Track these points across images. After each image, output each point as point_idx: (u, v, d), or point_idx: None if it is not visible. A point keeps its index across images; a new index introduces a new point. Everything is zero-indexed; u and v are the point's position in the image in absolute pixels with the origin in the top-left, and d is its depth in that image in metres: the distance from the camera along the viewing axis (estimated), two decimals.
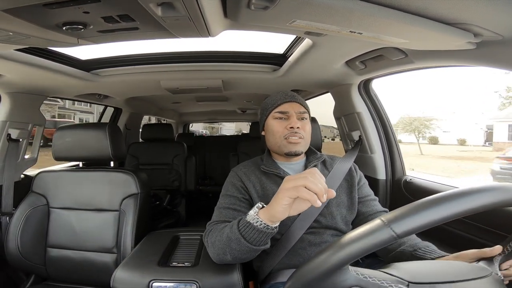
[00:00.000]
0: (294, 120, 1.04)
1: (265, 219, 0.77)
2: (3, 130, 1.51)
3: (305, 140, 1.06)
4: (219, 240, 0.88)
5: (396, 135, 1.70)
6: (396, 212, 0.48)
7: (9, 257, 1.32)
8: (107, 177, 1.39)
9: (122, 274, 0.97)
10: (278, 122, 1.07)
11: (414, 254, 0.87)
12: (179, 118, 4.65)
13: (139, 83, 1.76)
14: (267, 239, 0.81)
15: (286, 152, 1.05)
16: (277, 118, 1.07)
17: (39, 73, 1.27)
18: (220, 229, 0.91)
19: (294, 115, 1.05)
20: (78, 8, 0.67)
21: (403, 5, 0.68)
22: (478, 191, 0.47)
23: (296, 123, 1.03)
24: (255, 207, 0.80)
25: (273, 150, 1.11)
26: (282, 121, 1.06)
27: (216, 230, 0.93)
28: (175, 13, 0.69)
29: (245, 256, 0.85)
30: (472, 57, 0.91)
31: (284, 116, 1.06)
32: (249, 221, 0.79)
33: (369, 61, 1.25)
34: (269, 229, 0.78)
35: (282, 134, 1.05)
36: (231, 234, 0.83)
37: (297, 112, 1.06)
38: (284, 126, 1.05)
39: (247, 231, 0.79)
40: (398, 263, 0.57)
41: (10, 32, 0.76)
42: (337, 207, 1.05)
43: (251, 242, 0.79)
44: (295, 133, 1.03)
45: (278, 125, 1.06)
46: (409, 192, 1.48)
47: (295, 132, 1.03)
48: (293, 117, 1.04)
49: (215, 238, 0.90)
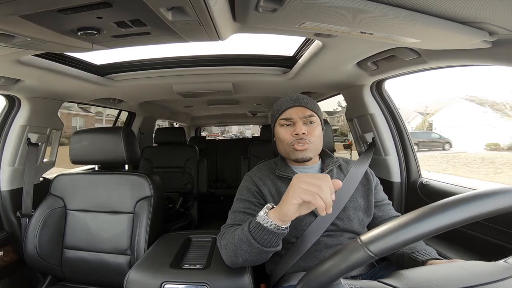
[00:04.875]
0: (299, 126, 1.01)
1: (275, 219, 0.76)
2: (23, 134, 1.57)
3: (314, 144, 1.04)
4: (231, 242, 0.87)
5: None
6: (373, 232, 0.49)
7: (27, 258, 1.36)
8: (122, 180, 1.42)
9: (135, 275, 0.98)
10: (284, 129, 1.06)
11: (411, 256, 0.89)
12: (191, 121, 4.70)
13: (151, 87, 1.79)
14: (278, 240, 0.80)
15: (294, 159, 1.05)
16: (283, 125, 1.06)
17: (56, 78, 1.32)
18: (232, 231, 0.91)
19: (299, 121, 1.03)
20: (91, 14, 0.69)
21: (414, 5, 0.67)
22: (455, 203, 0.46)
23: (300, 129, 1.01)
24: (264, 208, 0.80)
25: (284, 156, 1.11)
26: (288, 128, 1.05)
27: (229, 232, 0.93)
28: (185, 17, 0.70)
29: (256, 259, 0.84)
30: (488, 56, 0.88)
31: (289, 122, 1.05)
32: (259, 222, 0.78)
33: (381, 62, 1.23)
34: (280, 230, 0.77)
35: (288, 141, 1.04)
36: (242, 236, 0.83)
37: (302, 117, 1.03)
38: (290, 133, 1.04)
39: (257, 232, 0.79)
40: (404, 271, 0.56)
41: (28, 37, 0.79)
42: (354, 211, 1.04)
43: (262, 243, 0.79)
44: (300, 140, 1.01)
45: (284, 132, 1.05)
46: (425, 195, 1.44)
47: (301, 138, 1.01)
48: (298, 123, 1.02)
49: (227, 240, 0.90)
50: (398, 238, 0.46)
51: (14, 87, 1.36)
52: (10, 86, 1.34)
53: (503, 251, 0.97)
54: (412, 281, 0.51)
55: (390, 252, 0.47)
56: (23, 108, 1.56)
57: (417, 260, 0.86)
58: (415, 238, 0.46)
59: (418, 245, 0.94)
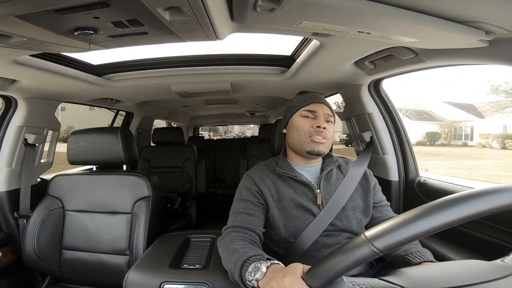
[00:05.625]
0: (321, 120, 1.05)
1: (261, 284, 0.70)
2: (20, 135, 1.56)
3: (329, 142, 1.07)
4: (225, 260, 0.88)
5: None
6: (378, 228, 0.49)
7: (25, 259, 1.36)
8: (120, 180, 1.42)
9: (134, 276, 0.98)
10: (305, 120, 1.07)
11: (405, 258, 0.89)
12: (189, 121, 4.70)
13: (149, 87, 1.79)
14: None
15: (309, 150, 1.04)
16: (304, 116, 1.08)
17: (53, 78, 1.31)
18: (227, 245, 0.90)
19: (322, 116, 1.06)
20: (88, 13, 0.69)
21: (411, 4, 0.67)
22: (460, 200, 0.46)
23: (323, 123, 1.04)
24: (264, 266, 0.73)
25: (294, 147, 1.10)
26: (309, 120, 1.07)
27: (227, 242, 0.92)
28: (182, 17, 0.70)
29: None
30: (485, 55, 0.89)
31: (312, 115, 1.07)
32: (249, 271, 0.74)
33: (378, 61, 1.24)
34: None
35: (307, 131, 1.05)
36: (230, 265, 0.82)
37: (325, 114, 1.07)
38: (311, 125, 1.05)
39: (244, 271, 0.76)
40: (405, 269, 0.56)
41: (24, 38, 0.79)
42: (353, 211, 1.04)
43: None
44: (320, 133, 1.03)
45: (305, 122, 1.06)
46: (423, 194, 1.45)
47: (321, 131, 1.03)
48: (321, 117, 1.05)
49: (223, 253, 0.90)
50: (403, 234, 0.46)
51: (11, 87, 1.35)
52: (7, 87, 1.34)
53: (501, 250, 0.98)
54: (413, 279, 0.52)
55: (395, 248, 0.47)
56: (20, 109, 1.56)
57: (410, 262, 0.86)
58: (420, 234, 0.46)
59: (413, 247, 0.93)
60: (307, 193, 1.03)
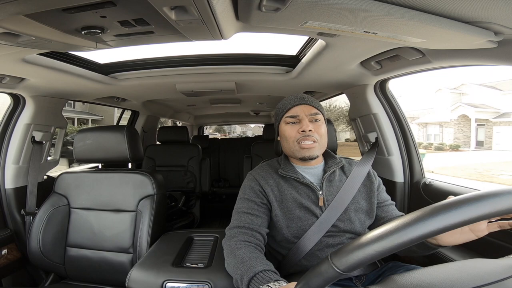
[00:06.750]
0: (305, 123, 1.02)
1: None
2: (27, 132, 1.58)
3: (320, 143, 1.04)
4: (230, 266, 0.89)
5: None
6: (341, 248, 0.48)
7: (30, 256, 1.37)
8: (125, 179, 1.43)
9: (137, 274, 0.99)
10: (290, 126, 1.05)
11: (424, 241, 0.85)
12: (194, 120, 4.71)
13: (155, 86, 1.80)
14: None
15: (300, 157, 1.04)
16: (288, 123, 1.06)
17: (60, 76, 1.33)
18: (233, 250, 0.91)
19: (306, 118, 1.03)
20: (95, 13, 0.70)
21: (419, 4, 0.66)
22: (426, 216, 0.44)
23: (307, 126, 1.01)
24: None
25: (289, 155, 1.10)
26: (294, 125, 1.05)
27: (232, 246, 0.93)
28: (188, 16, 0.70)
29: None
30: (494, 56, 0.88)
31: (295, 120, 1.05)
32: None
33: (384, 61, 1.23)
34: None
35: (294, 138, 1.03)
36: (237, 274, 0.84)
37: (308, 115, 1.04)
38: (296, 130, 1.03)
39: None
40: (395, 276, 0.53)
41: (32, 36, 0.80)
42: (356, 213, 1.03)
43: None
44: (307, 137, 1.01)
45: (290, 129, 1.05)
46: (429, 195, 1.43)
47: (308, 135, 1.01)
48: (304, 120, 1.03)
49: (229, 259, 0.91)
50: (364, 253, 0.45)
51: (19, 85, 1.37)
52: (15, 85, 1.35)
53: (501, 250, 0.96)
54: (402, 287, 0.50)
55: (358, 268, 0.46)
56: (28, 107, 1.57)
57: (428, 244, 0.84)
58: (382, 252, 0.44)
59: None
60: (309, 194, 1.03)
